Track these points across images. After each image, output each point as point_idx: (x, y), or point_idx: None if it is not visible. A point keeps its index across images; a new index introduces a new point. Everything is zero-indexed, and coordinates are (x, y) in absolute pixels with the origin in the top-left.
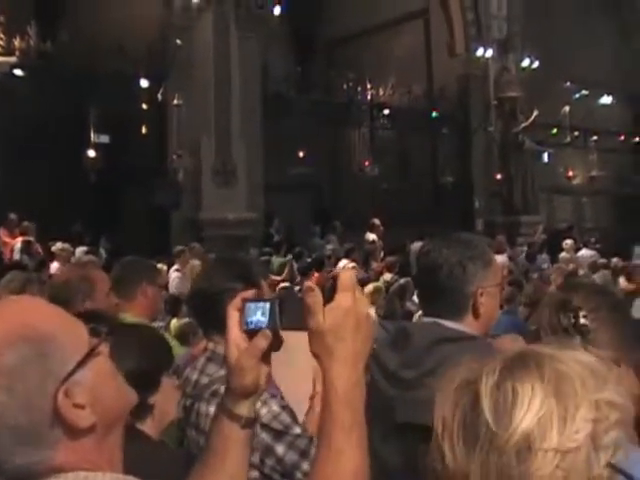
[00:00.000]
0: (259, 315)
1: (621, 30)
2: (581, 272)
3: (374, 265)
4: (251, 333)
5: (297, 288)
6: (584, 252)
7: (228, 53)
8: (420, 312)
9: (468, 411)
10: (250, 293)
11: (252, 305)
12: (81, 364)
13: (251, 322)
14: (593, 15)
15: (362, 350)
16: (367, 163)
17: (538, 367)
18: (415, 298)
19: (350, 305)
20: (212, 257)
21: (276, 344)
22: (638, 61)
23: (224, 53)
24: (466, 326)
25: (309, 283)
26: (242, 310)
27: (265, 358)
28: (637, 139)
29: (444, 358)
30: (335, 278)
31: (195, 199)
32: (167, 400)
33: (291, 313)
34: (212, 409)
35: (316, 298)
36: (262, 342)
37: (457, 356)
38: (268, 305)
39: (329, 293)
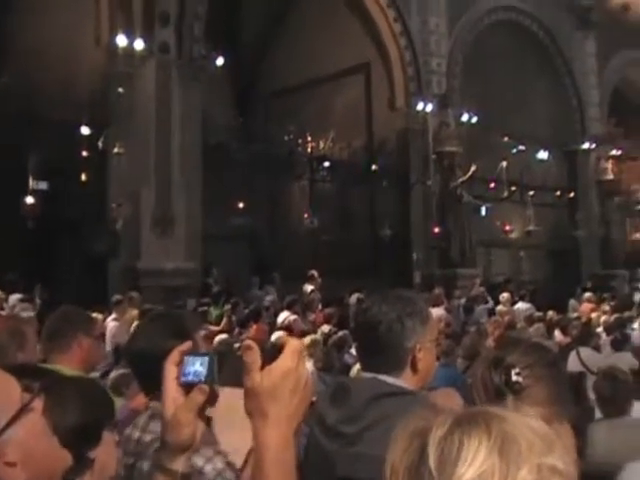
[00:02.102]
0: (197, 369)
1: (556, 89)
2: (518, 325)
3: (312, 317)
4: (188, 387)
5: (237, 345)
6: (520, 305)
7: (169, 102)
8: (358, 365)
9: (415, 458)
10: (187, 346)
11: (190, 359)
12: (12, 421)
13: (189, 376)
14: (530, 74)
15: (296, 413)
16: (306, 215)
17: (487, 425)
18: (353, 350)
19: (291, 367)
20: (148, 309)
21: (212, 399)
22: (571, 119)
23: (166, 102)
24: (405, 381)
25: (248, 342)
26: (180, 364)
27: (201, 413)
28: (572, 194)
29: (383, 413)
30: (284, 342)
31: (134, 248)
32: (108, 455)
33: (230, 369)
34: None
35: (254, 357)
36: (199, 396)
37: (396, 411)
38: (206, 359)
39: (273, 354)
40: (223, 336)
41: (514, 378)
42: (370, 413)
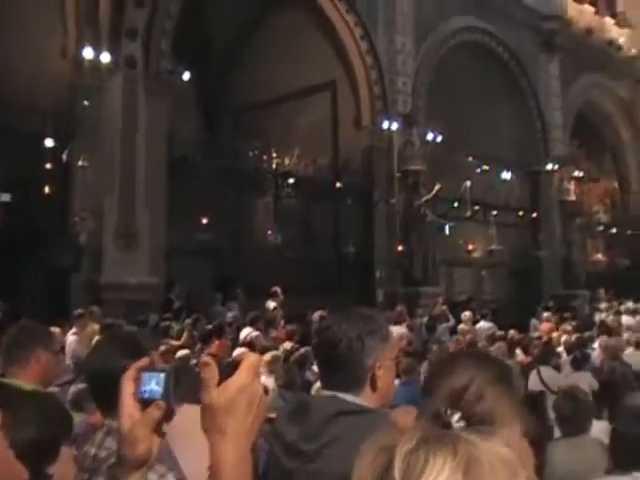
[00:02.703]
0: (153, 385)
1: (520, 111)
2: (479, 344)
3: (274, 333)
4: (145, 403)
5: (194, 361)
6: (482, 324)
7: (135, 116)
8: (319, 382)
9: (381, 471)
10: (144, 363)
11: (147, 375)
12: None
13: (145, 392)
14: (495, 95)
15: (253, 429)
16: (270, 231)
17: (454, 445)
18: (315, 368)
19: (246, 384)
20: (109, 324)
21: (169, 415)
22: (535, 141)
23: (131, 115)
24: (364, 399)
25: (205, 358)
26: (137, 380)
27: (157, 429)
28: (535, 215)
29: (342, 431)
30: (242, 357)
31: (97, 262)
32: (66, 470)
33: (186, 385)
34: None
35: (211, 374)
36: (155, 412)
37: (355, 429)
38: (163, 376)
39: (230, 370)
40: (184, 351)
41: (455, 426)
42: (329, 431)
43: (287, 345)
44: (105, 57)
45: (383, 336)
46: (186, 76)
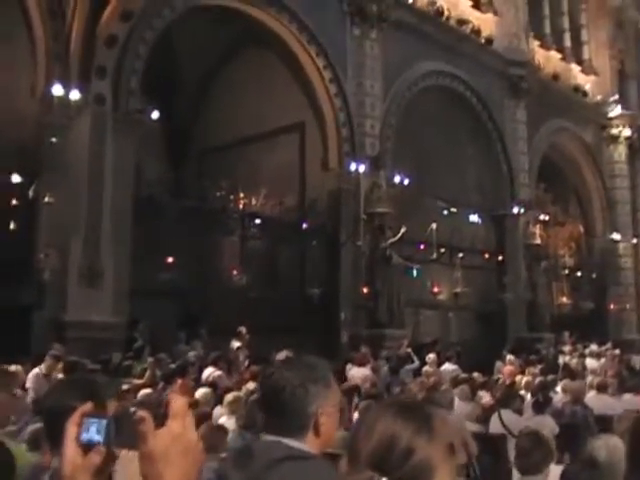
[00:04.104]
0: (95, 431)
1: (487, 154)
2: (443, 386)
3: (237, 374)
4: (87, 448)
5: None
6: (447, 366)
7: (103, 154)
8: None
9: None
10: (88, 408)
11: (89, 421)
12: None
13: (87, 437)
14: (462, 138)
15: (189, 474)
16: (236, 271)
17: None
18: None
19: (179, 432)
20: (73, 362)
21: (110, 460)
22: (501, 184)
23: (99, 153)
24: (307, 444)
25: (140, 413)
26: (80, 425)
27: (99, 474)
28: (500, 258)
29: (286, 476)
30: (167, 404)
31: (60, 300)
32: None
33: (128, 431)
34: None
35: (147, 426)
36: (96, 458)
37: (298, 475)
38: (105, 422)
39: (164, 414)
40: (147, 390)
41: None
42: (272, 476)
43: (250, 386)
44: (74, 95)
45: (326, 383)
46: (155, 115)
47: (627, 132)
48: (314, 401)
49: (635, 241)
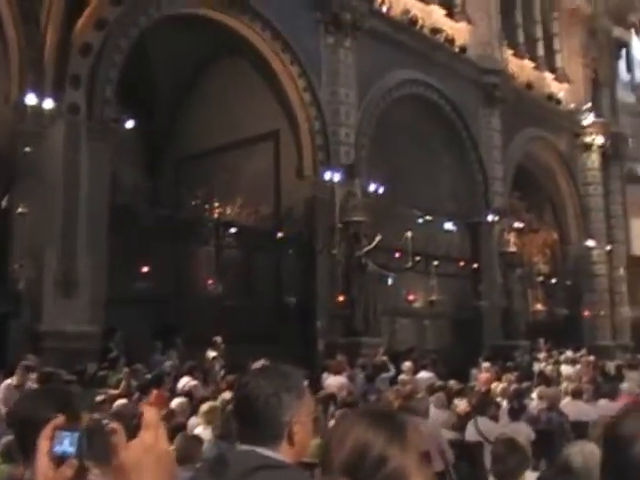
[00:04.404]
0: (67, 444)
1: (462, 163)
2: (419, 394)
3: (213, 383)
4: (58, 461)
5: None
6: (422, 374)
7: (78, 163)
8: None
9: None
10: (60, 421)
11: (62, 434)
12: None
13: (59, 450)
14: (437, 147)
15: None
16: (211, 281)
17: None
18: None
19: (151, 443)
20: (48, 372)
21: (81, 474)
22: (476, 192)
23: (73, 163)
24: (281, 454)
25: (113, 425)
26: (52, 438)
27: None
28: (476, 265)
29: None
30: (140, 415)
31: (35, 309)
32: None
33: (100, 443)
34: None
35: (119, 438)
36: (67, 471)
37: None
38: (77, 435)
39: (136, 426)
40: (122, 401)
41: None
42: None
43: (227, 395)
44: (48, 104)
45: (299, 393)
46: (130, 124)
47: (600, 140)
48: (288, 410)
49: (609, 248)
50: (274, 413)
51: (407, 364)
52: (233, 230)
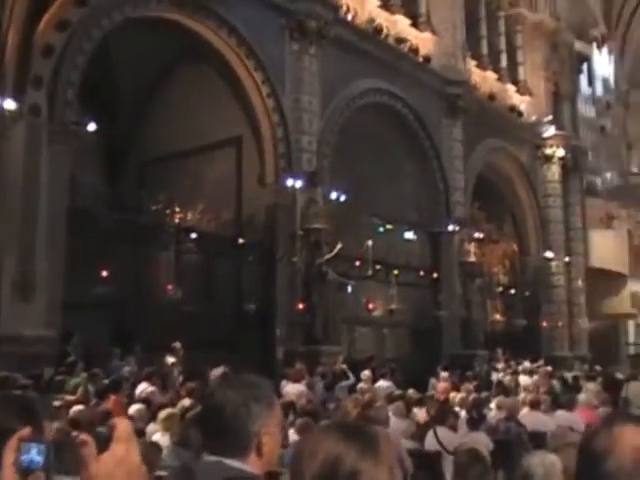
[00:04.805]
0: (33, 456)
1: (424, 172)
2: (378, 403)
3: (172, 389)
4: (24, 474)
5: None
6: (381, 383)
7: (38, 165)
8: None
9: None
10: (26, 433)
11: (27, 446)
12: None
13: (25, 462)
14: (399, 156)
15: None
16: (171, 286)
17: None
18: None
19: (123, 455)
20: (4, 377)
21: None
22: (437, 202)
23: (33, 165)
24: (249, 465)
25: (82, 437)
26: (17, 450)
27: None
28: (436, 275)
29: None
30: (112, 427)
31: None
32: None
33: (67, 456)
34: None
35: (89, 450)
36: None
37: None
38: (43, 447)
39: (107, 438)
40: (79, 407)
41: None
42: None
43: (186, 402)
44: (9, 104)
45: (269, 403)
46: (92, 127)
47: (561, 152)
48: (257, 421)
49: (567, 260)
50: (243, 424)
51: (366, 373)
52: (194, 236)
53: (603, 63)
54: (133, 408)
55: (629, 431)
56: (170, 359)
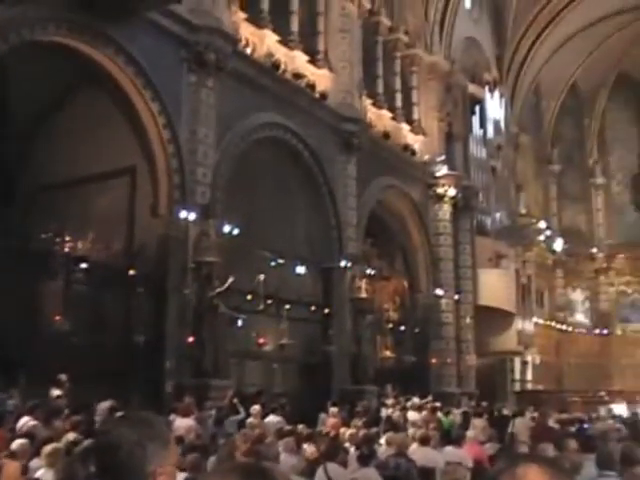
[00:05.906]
0: None
1: (317, 208)
2: (268, 439)
3: (57, 423)
4: None
5: None
6: (271, 418)
7: None
8: None
9: None
10: None
11: None
12: None
13: None
14: (293, 191)
15: None
16: (59, 317)
17: None
18: None
19: None
20: None
21: None
22: (330, 238)
23: None
24: None
25: None
26: None
27: None
28: (326, 310)
29: None
30: (1, 467)
31: None
32: None
33: None
34: None
35: None
36: None
37: None
38: None
39: None
40: None
41: None
42: None
43: (71, 436)
44: None
45: (164, 441)
46: None
47: (452, 192)
48: (152, 460)
49: (457, 297)
50: (139, 463)
51: (256, 407)
52: (84, 265)
53: (495, 106)
54: (16, 443)
55: (532, 472)
56: (55, 391)
